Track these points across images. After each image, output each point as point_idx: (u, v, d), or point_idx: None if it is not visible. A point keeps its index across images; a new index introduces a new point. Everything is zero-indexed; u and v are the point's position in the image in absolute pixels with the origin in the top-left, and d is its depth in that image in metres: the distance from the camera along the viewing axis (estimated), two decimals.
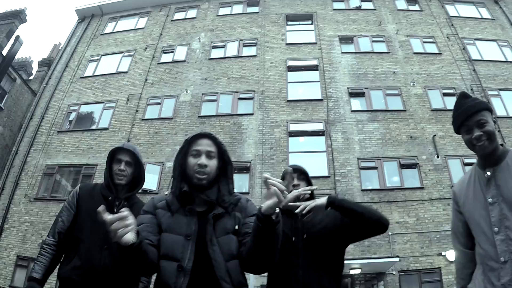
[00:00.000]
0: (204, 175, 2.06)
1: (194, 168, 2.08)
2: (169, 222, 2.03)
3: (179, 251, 1.93)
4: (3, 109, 20.99)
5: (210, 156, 2.12)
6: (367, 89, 17.05)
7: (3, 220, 15.40)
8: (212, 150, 2.13)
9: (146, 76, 18.67)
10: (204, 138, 2.16)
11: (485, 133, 2.15)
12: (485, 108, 2.21)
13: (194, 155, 2.12)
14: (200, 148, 2.12)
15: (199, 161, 2.08)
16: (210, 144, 2.15)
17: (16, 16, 22.14)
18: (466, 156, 14.77)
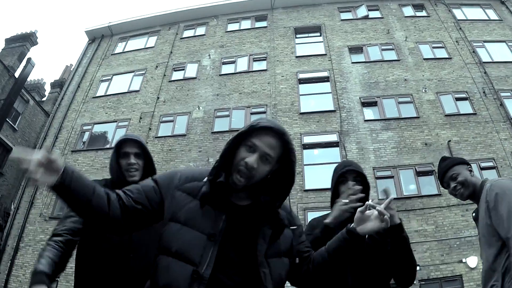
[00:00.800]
0: (243, 178, 1.64)
1: (239, 162, 1.65)
2: (191, 214, 1.63)
3: (197, 252, 1.54)
4: (17, 130, 21.18)
5: (265, 160, 1.65)
6: (379, 98, 16.96)
7: (19, 239, 15.51)
8: (271, 155, 1.65)
9: (158, 94, 18.76)
10: (271, 135, 1.66)
11: (458, 183, 2.72)
12: (457, 163, 2.80)
13: (249, 147, 1.66)
14: (258, 144, 1.64)
15: (249, 158, 1.63)
16: (274, 145, 1.66)
17: (27, 38, 22.46)
18: (482, 160, 14.67)
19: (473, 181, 2.71)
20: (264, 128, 1.66)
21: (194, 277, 1.51)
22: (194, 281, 1.50)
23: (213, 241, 1.57)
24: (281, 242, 1.73)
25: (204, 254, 1.54)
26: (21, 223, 15.90)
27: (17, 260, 15.07)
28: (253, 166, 1.62)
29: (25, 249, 15.30)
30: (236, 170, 1.65)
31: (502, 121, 15.76)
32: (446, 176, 2.79)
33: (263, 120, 1.71)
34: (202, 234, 1.59)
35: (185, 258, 1.55)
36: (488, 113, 16.01)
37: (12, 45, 22.40)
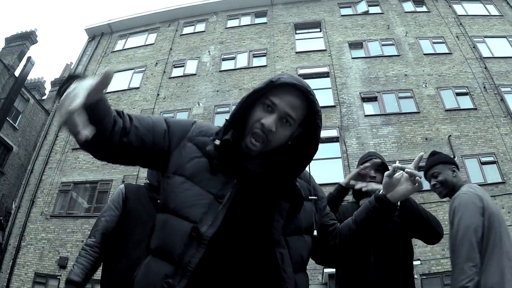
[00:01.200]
0: (259, 142, 1.38)
1: (255, 124, 1.38)
2: (198, 170, 1.37)
3: (199, 210, 1.29)
4: (17, 129, 21.21)
5: (285, 122, 1.39)
6: (380, 93, 16.94)
7: (20, 238, 15.52)
8: (293, 117, 1.39)
9: (158, 91, 18.77)
10: (293, 92, 1.39)
11: (438, 182, 2.83)
12: (441, 162, 2.89)
13: (267, 106, 1.39)
14: (278, 102, 1.37)
15: (266, 119, 1.36)
16: (297, 106, 1.39)
17: (27, 37, 22.48)
18: (483, 155, 14.66)
19: (453, 181, 2.81)
20: (286, 85, 1.39)
21: (192, 235, 1.25)
22: (192, 240, 1.25)
23: (220, 202, 1.32)
24: (302, 217, 1.47)
25: (209, 213, 1.29)
26: (22, 222, 15.89)
27: (19, 259, 15.08)
28: (270, 128, 1.35)
29: (27, 248, 15.31)
30: (251, 132, 1.38)
31: (502, 116, 15.73)
32: (428, 173, 2.93)
33: (285, 75, 1.42)
34: (208, 193, 1.33)
35: (184, 215, 1.30)
36: (488, 108, 15.98)
37: (12, 44, 22.42)
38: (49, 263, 14.71)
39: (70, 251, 14.73)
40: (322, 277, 12.64)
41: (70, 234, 15.24)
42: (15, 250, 15.22)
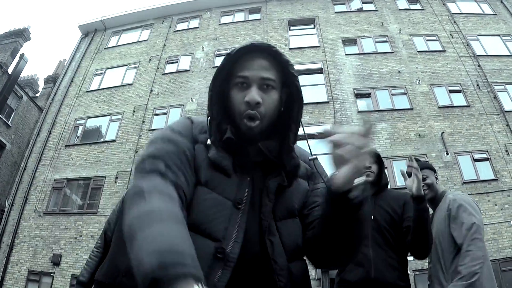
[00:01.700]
0: (255, 121, 1.25)
1: (240, 107, 1.26)
2: (210, 174, 1.24)
3: (221, 223, 1.17)
4: (10, 127, 21.08)
5: (266, 87, 1.27)
6: (373, 90, 16.95)
7: (14, 235, 15.48)
8: (269, 77, 1.27)
9: (151, 87, 18.70)
10: (257, 55, 1.28)
11: (426, 184, 2.91)
12: (428, 168, 3.05)
13: (239, 84, 1.28)
14: (249, 73, 1.26)
15: (248, 96, 1.24)
16: (266, 66, 1.28)
17: (20, 34, 22.32)
18: (476, 151, 14.72)
19: (436, 187, 3.01)
20: (246, 52, 1.28)
21: (217, 257, 1.13)
22: (216, 263, 1.12)
23: (239, 209, 1.21)
24: (295, 198, 1.33)
25: (230, 226, 1.17)
26: (15, 220, 15.85)
27: (12, 257, 15.05)
28: (256, 100, 1.24)
29: (20, 246, 15.28)
30: (241, 117, 1.26)
31: (495, 114, 15.78)
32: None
33: (247, 43, 1.30)
34: (226, 200, 1.22)
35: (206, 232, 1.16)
36: (481, 105, 16.04)
37: (4, 41, 22.26)
38: (42, 260, 14.67)
39: (64, 248, 14.70)
40: (315, 273, 12.66)
41: (64, 231, 15.19)
42: (8, 248, 15.18)
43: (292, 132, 1.32)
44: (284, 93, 1.34)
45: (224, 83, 1.32)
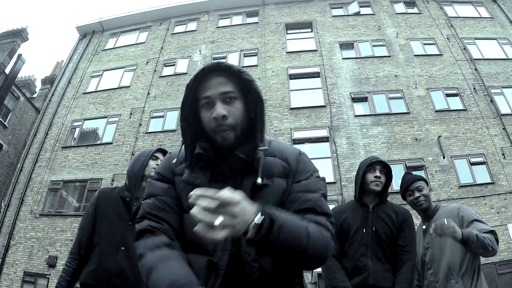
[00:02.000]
0: (227, 130, 1.36)
1: (210, 125, 1.37)
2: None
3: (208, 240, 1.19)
4: (7, 127, 21.03)
5: (229, 99, 1.38)
6: (370, 94, 16.96)
7: (9, 236, 15.46)
8: (228, 90, 1.38)
9: (148, 90, 18.67)
10: (213, 74, 1.40)
11: (423, 195, 3.11)
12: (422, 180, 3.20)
13: (206, 104, 1.39)
14: (210, 93, 1.37)
15: (214, 112, 1.35)
16: (223, 81, 1.39)
17: (18, 34, 22.29)
18: (472, 155, 14.75)
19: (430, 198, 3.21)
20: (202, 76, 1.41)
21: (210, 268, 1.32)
22: (210, 273, 1.32)
23: None
24: (269, 196, 1.40)
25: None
26: (11, 221, 15.82)
27: (8, 258, 15.02)
28: (222, 113, 1.35)
29: (16, 247, 15.26)
30: (214, 132, 1.38)
31: (492, 117, 15.82)
32: (413, 185, 3.15)
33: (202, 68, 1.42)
34: None
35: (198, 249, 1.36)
36: (478, 109, 16.07)
37: (2, 41, 22.23)
38: (38, 262, 14.64)
39: (60, 250, 14.66)
40: (311, 277, 12.65)
41: (60, 233, 15.15)
42: (4, 249, 15.15)
43: (258, 131, 1.42)
44: (251, 100, 1.44)
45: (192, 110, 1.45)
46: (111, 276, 2.57)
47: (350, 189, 14.17)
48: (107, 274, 2.57)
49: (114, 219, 2.73)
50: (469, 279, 2.87)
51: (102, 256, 2.64)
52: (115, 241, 2.65)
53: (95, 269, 2.62)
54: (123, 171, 15.81)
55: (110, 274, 2.57)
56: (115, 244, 2.65)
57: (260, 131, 1.43)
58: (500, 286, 11.75)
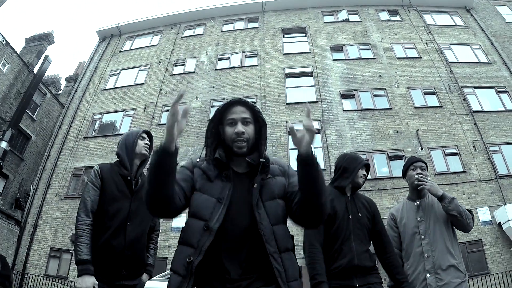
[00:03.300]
0: (243, 143, 1.81)
1: (232, 137, 1.82)
2: (204, 183, 1.80)
3: (208, 211, 1.70)
4: (35, 120, 21.06)
5: (246, 122, 1.85)
6: (357, 91, 16.90)
7: (38, 216, 15.49)
8: (247, 116, 1.85)
9: (160, 87, 18.59)
10: (237, 105, 1.87)
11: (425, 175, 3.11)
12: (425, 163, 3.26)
13: (230, 123, 1.85)
14: (235, 116, 1.85)
15: (236, 129, 1.81)
16: (244, 110, 1.86)
17: (45, 38, 22.30)
18: (447, 147, 14.80)
19: None
20: (229, 104, 1.87)
21: (204, 229, 1.66)
22: (204, 232, 1.65)
23: (221, 203, 1.72)
24: (275, 188, 1.82)
25: (214, 212, 1.69)
26: (39, 203, 15.88)
27: (36, 235, 15.10)
28: (242, 131, 1.80)
29: (43, 226, 15.32)
30: (233, 142, 1.82)
31: (465, 114, 15.80)
32: (419, 163, 3.20)
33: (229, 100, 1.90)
34: (212, 198, 1.74)
35: (199, 216, 1.71)
36: (452, 106, 16.05)
37: (31, 44, 22.22)
38: (62, 239, 14.69)
39: None
40: None
41: None
42: (33, 228, 15.24)
43: (262, 145, 1.90)
44: (258, 126, 1.90)
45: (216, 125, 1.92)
46: (123, 249, 2.55)
47: None
48: (119, 247, 2.55)
49: (119, 197, 2.68)
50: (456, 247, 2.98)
51: (113, 233, 2.57)
52: (123, 218, 2.62)
53: (107, 244, 2.54)
54: None
55: (123, 247, 2.56)
56: (122, 220, 2.62)
57: (263, 145, 1.90)
58: (469, 263, 11.80)
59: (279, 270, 1.66)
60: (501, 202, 13.25)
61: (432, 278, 2.85)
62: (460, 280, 2.83)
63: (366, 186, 13.88)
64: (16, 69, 19.74)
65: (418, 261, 2.96)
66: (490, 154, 14.61)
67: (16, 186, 19.67)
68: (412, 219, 3.10)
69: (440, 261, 2.88)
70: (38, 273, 14.03)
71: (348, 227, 2.76)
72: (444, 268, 2.86)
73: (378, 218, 2.93)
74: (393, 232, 3.20)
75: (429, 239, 2.96)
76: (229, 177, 1.81)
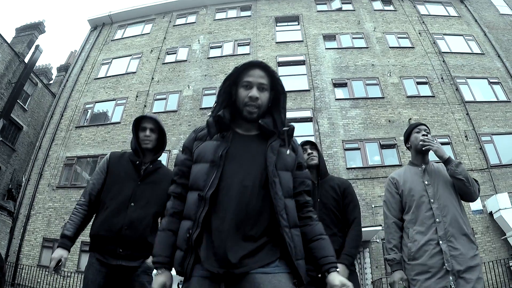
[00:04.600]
0: (255, 109, 1.74)
1: (244, 100, 1.75)
2: (200, 151, 1.75)
3: (202, 179, 1.66)
4: (27, 110, 20.92)
5: (262, 88, 1.76)
6: (349, 80, 16.90)
7: (30, 207, 15.43)
8: (264, 82, 1.76)
9: (152, 75, 18.49)
10: (257, 68, 1.78)
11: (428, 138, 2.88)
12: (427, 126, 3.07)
13: (245, 86, 1.76)
14: (251, 79, 1.75)
15: (250, 93, 1.74)
16: (262, 75, 1.77)
17: (36, 27, 22.04)
18: (439, 136, 14.97)
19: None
20: (248, 65, 1.78)
21: (199, 199, 1.63)
22: (200, 203, 1.62)
23: (214, 166, 1.67)
24: (288, 159, 1.77)
25: (208, 179, 1.64)
26: (31, 193, 15.79)
27: (29, 226, 15.04)
28: (256, 96, 1.74)
29: (36, 216, 15.26)
30: (244, 106, 1.75)
31: (457, 104, 15.86)
32: (422, 127, 3.01)
33: (247, 61, 1.80)
34: (205, 164, 1.70)
35: (195, 187, 1.69)
36: (445, 96, 16.10)
37: (22, 33, 21.95)
38: (55, 229, 14.63)
39: None
40: None
41: (74, 203, 14.80)
42: (25, 218, 15.17)
43: (282, 113, 1.83)
44: (272, 93, 1.83)
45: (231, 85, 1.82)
46: (122, 227, 2.58)
47: (330, 163, 14.19)
48: (118, 225, 2.59)
49: (124, 179, 2.77)
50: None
51: (112, 211, 2.65)
52: (125, 198, 2.68)
53: (106, 222, 2.63)
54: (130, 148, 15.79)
55: (121, 225, 2.59)
56: (125, 201, 2.67)
57: (283, 113, 1.83)
58: None
59: (291, 246, 1.61)
60: (492, 192, 13.35)
61: (445, 246, 2.58)
62: (473, 252, 2.61)
63: (358, 175, 14.02)
64: (7, 59, 19.51)
65: (428, 226, 2.68)
66: (482, 144, 14.70)
67: (8, 177, 19.57)
68: (418, 183, 2.85)
69: (452, 228, 2.64)
70: (32, 264, 13.96)
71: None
72: (457, 237, 2.62)
73: (346, 194, 3.00)
74: (392, 199, 2.95)
75: (439, 204, 2.70)
76: (226, 138, 1.75)
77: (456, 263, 2.53)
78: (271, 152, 1.71)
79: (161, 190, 2.67)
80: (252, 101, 1.73)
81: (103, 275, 2.57)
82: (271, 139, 1.76)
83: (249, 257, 1.55)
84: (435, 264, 2.57)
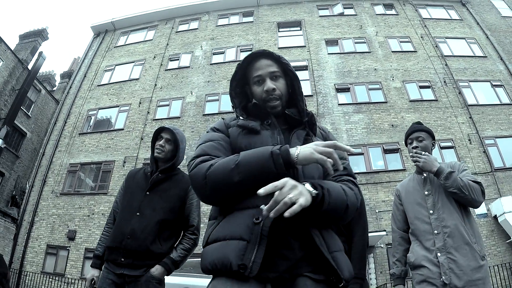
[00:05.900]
0: (276, 101, 1.58)
1: (263, 96, 1.59)
2: (249, 140, 1.51)
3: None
4: (30, 117, 20.97)
5: (275, 77, 1.59)
6: (352, 85, 16.91)
7: (34, 214, 15.45)
8: (275, 70, 1.59)
9: (155, 82, 18.54)
10: (261, 58, 1.61)
11: (420, 146, 2.77)
12: (427, 131, 2.85)
13: (257, 81, 1.60)
14: (261, 72, 1.59)
15: (266, 86, 1.56)
16: (270, 63, 1.60)
17: (39, 34, 22.13)
18: (442, 141, 14.79)
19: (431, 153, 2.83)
20: (251, 58, 1.63)
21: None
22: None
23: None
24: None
25: None
26: (35, 200, 15.81)
27: (32, 233, 15.03)
28: (272, 87, 1.57)
29: (40, 223, 15.25)
30: (264, 102, 1.60)
31: (460, 107, 15.83)
32: (414, 134, 2.83)
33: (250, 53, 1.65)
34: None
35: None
36: (448, 100, 16.07)
37: (25, 40, 22.06)
38: (59, 235, 14.65)
39: (78, 224, 14.70)
40: None
41: (78, 210, 15.15)
42: (29, 225, 15.16)
43: (300, 100, 1.63)
44: (288, 79, 1.64)
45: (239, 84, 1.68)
46: (124, 237, 2.62)
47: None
48: (121, 236, 2.63)
49: (134, 191, 2.84)
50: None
51: (120, 222, 2.73)
52: (132, 208, 2.72)
53: (113, 233, 2.73)
54: (134, 153, 15.86)
55: (124, 235, 2.63)
56: (132, 211, 2.71)
57: (301, 100, 1.64)
58: None
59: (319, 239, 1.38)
60: (497, 195, 13.29)
61: (444, 258, 2.47)
62: (478, 264, 2.44)
63: (361, 180, 13.97)
64: (11, 66, 19.61)
65: (426, 238, 2.61)
66: (486, 147, 14.65)
67: (12, 184, 19.61)
68: (419, 193, 2.77)
69: (452, 238, 2.51)
70: (35, 271, 13.97)
71: None
72: (458, 247, 2.48)
73: None
74: (397, 211, 2.90)
75: (438, 215, 2.60)
76: (274, 124, 1.57)
77: (455, 277, 2.41)
78: (296, 138, 1.54)
79: (169, 196, 2.74)
80: (270, 94, 1.57)
81: (109, 282, 2.61)
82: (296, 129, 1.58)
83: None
84: (434, 276, 2.50)
